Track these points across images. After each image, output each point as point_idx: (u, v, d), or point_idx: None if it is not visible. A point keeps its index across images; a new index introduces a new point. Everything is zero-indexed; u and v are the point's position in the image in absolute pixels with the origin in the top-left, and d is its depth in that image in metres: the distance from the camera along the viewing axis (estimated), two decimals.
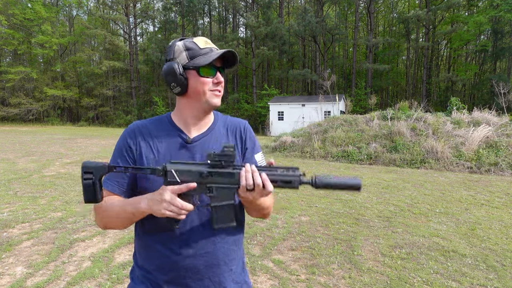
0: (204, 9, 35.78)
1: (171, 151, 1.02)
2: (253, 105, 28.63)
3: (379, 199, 5.58)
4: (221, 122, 1.14)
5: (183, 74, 0.99)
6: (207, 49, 1.02)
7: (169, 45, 1.05)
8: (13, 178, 6.69)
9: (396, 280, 2.86)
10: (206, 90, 1.02)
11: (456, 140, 9.37)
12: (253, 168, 0.91)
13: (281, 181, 0.92)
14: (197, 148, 1.04)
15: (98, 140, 15.61)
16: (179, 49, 1.01)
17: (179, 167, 0.92)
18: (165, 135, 1.05)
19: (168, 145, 1.03)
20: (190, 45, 1.02)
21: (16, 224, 4.06)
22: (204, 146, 1.05)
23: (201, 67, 1.00)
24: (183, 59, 1.01)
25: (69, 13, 37.84)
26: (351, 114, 13.54)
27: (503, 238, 3.86)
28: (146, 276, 1.04)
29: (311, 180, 0.93)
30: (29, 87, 31.50)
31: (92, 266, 3.03)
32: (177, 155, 1.02)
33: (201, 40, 1.04)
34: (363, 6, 33.90)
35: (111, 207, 0.98)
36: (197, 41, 1.03)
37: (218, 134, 1.10)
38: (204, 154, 1.04)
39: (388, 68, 30.05)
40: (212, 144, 1.07)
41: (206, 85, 1.02)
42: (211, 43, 1.05)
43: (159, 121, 1.09)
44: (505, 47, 27.61)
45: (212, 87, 1.03)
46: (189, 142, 1.04)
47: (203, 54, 1.01)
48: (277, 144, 11.83)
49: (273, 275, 2.94)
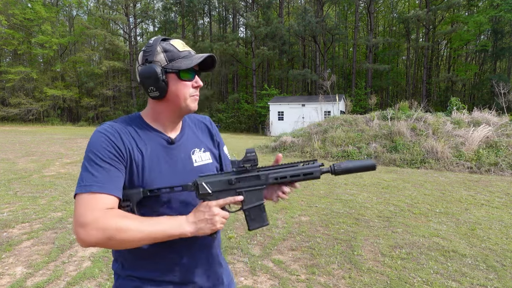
0: (204, 9, 35.80)
1: (158, 152, 1.00)
2: (253, 105, 28.64)
3: (379, 199, 5.58)
4: (188, 120, 1.16)
5: (164, 79, 0.96)
6: (185, 52, 0.99)
7: (150, 44, 0.98)
8: (13, 178, 6.69)
9: (396, 280, 2.86)
10: (186, 94, 1.00)
11: (456, 140, 9.37)
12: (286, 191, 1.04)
13: (304, 174, 1.01)
14: (180, 147, 1.05)
15: None
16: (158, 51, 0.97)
17: (209, 179, 0.97)
18: (146, 137, 1.00)
19: (154, 147, 1.00)
20: (168, 47, 0.98)
21: (16, 224, 4.06)
22: (186, 145, 1.07)
23: (181, 71, 0.98)
24: (161, 61, 0.97)
25: (69, 13, 37.84)
26: (351, 114, 13.54)
27: (503, 238, 3.86)
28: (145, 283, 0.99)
29: (330, 168, 1.03)
30: (29, 87, 31.48)
31: (92, 266, 3.03)
32: (164, 156, 1.01)
33: (179, 42, 1.00)
34: (363, 6, 33.91)
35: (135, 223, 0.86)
36: (175, 43, 0.99)
37: (191, 131, 1.12)
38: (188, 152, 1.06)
39: (388, 68, 30.08)
40: (191, 141, 1.09)
41: (186, 88, 1.00)
42: (187, 46, 1.03)
43: (133, 122, 1.02)
44: (505, 47, 27.63)
45: (192, 92, 1.02)
46: (173, 143, 1.04)
47: (182, 57, 0.98)
48: (277, 144, 11.84)
49: (273, 275, 2.94)
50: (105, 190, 0.87)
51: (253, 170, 1.00)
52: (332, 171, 1.03)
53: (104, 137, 0.92)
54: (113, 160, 0.91)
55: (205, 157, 1.10)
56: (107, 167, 0.89)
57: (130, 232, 0.84)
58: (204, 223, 0.91)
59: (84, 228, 0.82)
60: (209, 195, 0.96)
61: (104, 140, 0.92)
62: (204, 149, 1.11)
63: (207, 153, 1.11)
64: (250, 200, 1.00)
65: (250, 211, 1.00)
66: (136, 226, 0.85)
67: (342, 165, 1.03)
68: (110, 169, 0.90)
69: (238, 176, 0.99)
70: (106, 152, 0.91)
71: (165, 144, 1.02)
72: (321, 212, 4.78)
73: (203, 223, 0.91)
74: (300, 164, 1.03)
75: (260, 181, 1.00)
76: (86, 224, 0.82)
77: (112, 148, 0.92)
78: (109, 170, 0.90)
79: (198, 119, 1.19)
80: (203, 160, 1.08)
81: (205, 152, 1.11)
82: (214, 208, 0.92)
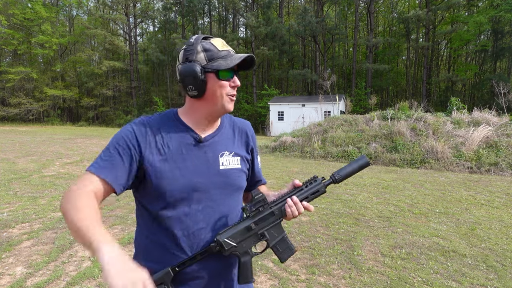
0: (204, 9, 35.77)
1: (183, 148, 1.01)
2: (253, 105, 28.64)
3: (379, 199, 5.58)
4: (227, 122, 1.15)
5: (204, 79, 0.97)
6: (225, 51, 1.00)
7: (191, 43, 0.99)
8: (13, 178, 6.69)
9: (396, 280, 2.86)
10: (223, 94, 1.01)
11: (456, 140, 9.37)
12: (295, 200, 1.04)
13: (311, 193, 1.07)
14: (208, 147, 1.04)
15: (98, 140, 15.60)
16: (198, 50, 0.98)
17: (229, 234, 0.99)
18: (174, 133, 1.02)
19: (179, 143, 1.01)
20: (208, 46, 0.99)
21: (16, 224, 4.06)
22: (215, 146, 1.06)
23: (220, 71, 0.98)
24: (201, 60, 0.98)
25: (69, 13, 37.84)
26: (351, 114, 13.54)
27: (503, 238, 3.86)
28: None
29: (331, 179, 1.10)
30: (29, 87, 31.48)
31: (92, 266, 3.03)
32: (188, 153, 1.01)
33: (219, 41, 1.01)
34: (363, 6, 33.90)
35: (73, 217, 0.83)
36: (215, 42, 1.00)
37: (226, 134, 1.11)
38: (216, 153, 1.05)
39: (388, 68, 30.07)
40: (222, 143, 1.08)
41: (224, 88, 1.00)
42: (227, 45, 1.03)
43: (167, 118, 1.05)
44: (505, 47, 27.61)
45: (229, 91, 1.02)
46: (201, 141, 1.03)
47: (222, 56, 0.99)
48: (277, 144, 11.84)
49: (273, 275, 2.94)
50: (98, 172, 0.92)
51: (266, 209, 1.04)
52: (333, 181, 1.09)
53: (129, 131, 0.99)
54: (124, 149, 0.96)
55: (234, 161, 1.08)
56: (113, 154, 0.95)
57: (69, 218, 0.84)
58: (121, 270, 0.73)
59: (64, 193, 0.91)
60: (235, 248, 0.99)
61: (127, 131, 0.99)
62: (234, 153, 1.09)
63: (236, 158, 1.09)
64: (273, 236, 1.05)
65: (277, 246, 1.05)
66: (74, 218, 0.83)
67: (340, 172, 1.10)
68: (115, 156, 0.95)
69: (255, 219, 1.02)
70: (122, 141, 0.97)
71: (192, 141, 1.03)
72: (321, 212, 4.78)
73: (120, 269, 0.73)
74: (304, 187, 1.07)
75: (275, 216, 1.05)
76: (66, 192, 0.91)
77: (128, 139, 0.97)
78: (114, 156, 0.95)
79: (240, 123, 1.18)
80: (230, 164, 1.07)
81: (235, 157, 1.09)
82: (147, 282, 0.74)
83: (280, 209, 1.04)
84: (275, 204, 1.05)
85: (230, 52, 1.01)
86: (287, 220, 1.06)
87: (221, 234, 0.98)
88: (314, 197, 1.07)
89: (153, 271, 1.00)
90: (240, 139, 1.14)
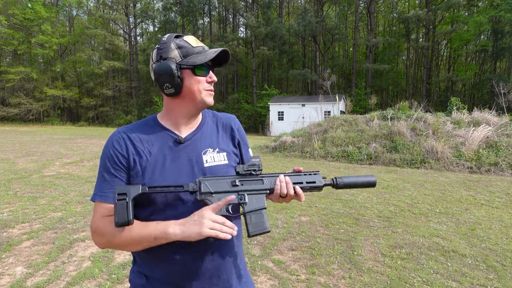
0: (204, 9, 35.78)
1: (164, 151, 1.00)
2: (253, 105, 28.63)
3: (379, 199, 5.58)
4: (209, 118, 1.13)
5: (180, 76, 0.97)
6: (199, 47, 1.00)
7: (164, 41, 0.99)
8: (13, 178, 6.69)
9: (396, 280, 2.86)
10: (201, 89, 1.00)
11: (456, 140, 9.37)
12: (287, 180, 1.00)
13: (307, 181, 1.02)
14: (190, 147, 1.03)
15: (98, 140, 15.60)
16: (172, 48, 0.98)
17: (211, 180, 0.97)
18: (154, 137, 1.01)
19: (160, 146, 1.00)
20: (182, 43, 0.99)
21: (16, 224, 4.06)
22: (197, 144, 1.04)
23: (196, 66, 0.98)
24: (175, 57, 0.97)
25: (69, 13, 37.84)
26: (351, 114, 13.54)
27: (503, 238, 3.86)
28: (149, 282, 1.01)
29: (332, 181, 1.05)
30: (29, 87, 31.48)
31: (92, 266, 3.03)
32: (170, 155, 1.00)
33: (192, 38, 1.01)
34: (363, 6, 33.90)
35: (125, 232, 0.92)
36: (188, 39, 1.00)
37: (209, 131, 1.10)
38: (199, 151, 1.03)
39: (388, 68, 30.05)
40: (204, 141, 1.06)
41: (201, 84, 1.00)
42: (200, 42, 1.03)
43: (145, 124, 1.05)
44: (505, 47, 27.61)
45: (206, 86, 1.02)
46: (181, 142, 1.02)
47: (196, 52, 0.99)
48: (277, 144, 11.83)
49: (273, 275, 2.94)
50: (105, 199, 0.96)
51: (258, 175, 1.00)
52: (334, 185, 1.04)
53: (110, 146, 1.00)
54: (116, 169, 0.98)
55: (219, 158, 1.06)
56: (108, 178, 0.97)
57: (122, 237, 0.92)
58: (191, 225, 0.88)
59: (92, 233, 0.98)
60: (210, 195, 0.94)
61: (110, 150, 0.99)
62: (219, 149, 1.07)
63: (222, 154, 1.07)
64: (252, 204, 0.97)
65: (251, 215, 0.97)
66: (126, 232, 0.91)
67: (344, 179, 1.05)
68: (112, 179, 0.97)
69: (242, 178, 0.98)
70: (111, 161, 0.98)
71: (171, 143, 1.02)
72: (321, 212, 4.78)
73: (190, 225, 0.88)
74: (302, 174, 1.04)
75: (264, 185, 0.99)
76: (92, 231, 0.97)
77: (115, 156, 0.98)
78: (111, 180, 0.97)
79: (223, 118, 1.16)
80: (215, 161, 1.04)
81: (220, 153, 1.07)
82: (205, 211, 0.89)
83: (270, 180, 1.00)
84: (268, 175, 1.01)
85: (204, 48, 1.01)
86: (274, 199, 1.02)
87: (205, 178, 0.96)
88: (309, 187, 1.02)
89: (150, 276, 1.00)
90: (224, 134, 1.12)
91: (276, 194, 1.00)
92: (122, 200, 0.89)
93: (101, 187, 0.97)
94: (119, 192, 0.90)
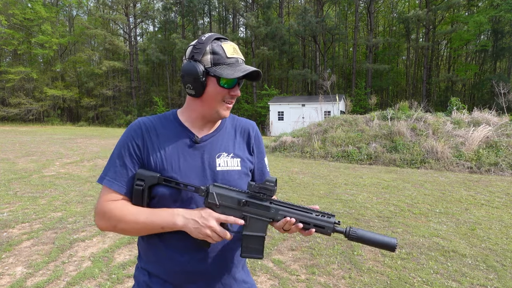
0: (204, 9, 35.79)
1: (179, 150, 1.00)
2: (253, 105, 28.64)
3: (379, 199, 5.58)
4: (229, 122, 1.13)
5: (204, 81, 0.95)
6: (233, 59, 0.97)
7: (202, 41, 0.97)
8: (13, 178, 6.69)
9: (396, 280, 2.86)
10: (220, 100, 1.00)
11: (456, 140, 9.37)
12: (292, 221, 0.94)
13: (314, 224, 0.95)
14: (205, 148, 1.03)
15: (98, 140, 15.60)
16: (206, 51, 0.96)
17: (221, 191, 0.95)
18: (172, 134, 1.02)
19: (176, 144, 1.01)
20: (217, 49, 0.96)
21: (16, 224, 4.06)
22: (213, 146, 1.04)
23: (222, 78, 0.96)
24: (206, 62, 0.95)
25: (69, 13, 37.85)
26: (351, 114, 13.53)
27: (503, 238, 3.86)
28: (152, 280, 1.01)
29: (345, 231, 0.95)
30: (29, 87, 31.48)
31: (92, 266, 3.03)
32: (184, 154, 1.00)
33: (230, 47, 0.98)
34: (363, 6, 33.91)
35: (132, 214, 0.93)
36: (226, 47, 0.97)
37: (226, 135, 1.09)
38: (213, 154, 1.03)
39: (388, 68, 30.08)
40: (220, 144, 1.06)
41: (222, 95, 0.99)
42: (238, 51, 1.00)
43: (165, 118, 1.05)
44: (505, 47, 27.61)
45: (227, 98, 1.01)
46: (197, 142, 1.02)
47: (228, 64, 0.96)
48: (277, 144, 11.84)
49: (273, 275, 2.94)
50: (112, 186, 0.97)
51: (266, 200, 0.96)
52: (345, 233, 0.95)
53: (127, 133, 1.01)
54: (128, 159, 0.99)
55: (232, 163, 1.05)
56: (119, 164, 0.99)
57: (128, 223, 0.93)
58: (194, 224, 0.90)
59: (96, 216, 0.99)
60: (216, 206, 0.94)
61: (127, 136, 1.01)
62: (233, 154, 1.06)
63: (236, 160, 1.06)
64: (252, 228, 0.96)
65: (248, 239, 0.95)
66: (133, 218, 0.93)
67: (359, 231, 0.95)
68: (121, 166, 0.98)
69: (249, 199, 0.96)
70: (125, 148, 0.99)
71: (188, 142, 1.02)
72: None
73: (193, 224, 0.90)
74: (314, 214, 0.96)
75: (269, 213, 0.96)
76: (97, 213, 0.98)
77: (131, 147, 0.99)
78: (121, 167, 0.98)
79: (243, 123, 1.15)
80: (228, 166, 1.03)
81: (234, 158, 1.06)
82: (211, 220, 0.90)
83: (277, 212, 0.96)
84: (278, 204, 0.97)
85: (238, 61, 0.98)
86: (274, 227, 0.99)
87: (216, 186, 0.95)
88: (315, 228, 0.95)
89: (152, 273, 1.01)
90: (241, 139, 1.12)
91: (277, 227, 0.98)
92: (139, 186, 0.94)
93: (110, 172, 0.98)
94: (138, 178, 0.95)
